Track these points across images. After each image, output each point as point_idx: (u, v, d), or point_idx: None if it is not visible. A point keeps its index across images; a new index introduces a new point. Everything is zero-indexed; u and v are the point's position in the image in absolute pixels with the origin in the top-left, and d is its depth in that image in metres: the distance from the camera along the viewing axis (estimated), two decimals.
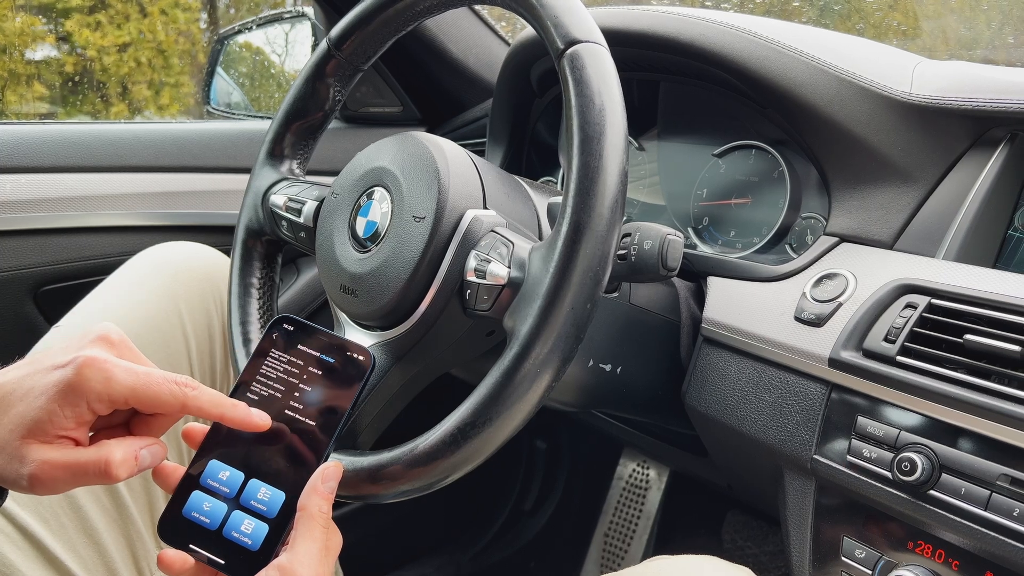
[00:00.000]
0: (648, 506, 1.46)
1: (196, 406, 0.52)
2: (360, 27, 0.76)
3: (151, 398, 0.51)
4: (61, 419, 0.49)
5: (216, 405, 0.53)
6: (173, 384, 0.51)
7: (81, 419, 0.50)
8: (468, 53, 1.28)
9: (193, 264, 0.90)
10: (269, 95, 1.70)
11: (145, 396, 0.50)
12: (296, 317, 0.59)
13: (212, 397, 0.53)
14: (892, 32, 1.70)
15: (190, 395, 0.52)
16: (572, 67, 0.59)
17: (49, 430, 0.49)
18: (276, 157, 0.82)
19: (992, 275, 0.67)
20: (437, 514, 1.51)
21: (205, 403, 0.52)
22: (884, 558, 0.67)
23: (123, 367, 0.50)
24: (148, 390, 0.50)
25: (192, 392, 0.52)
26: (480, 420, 0.56)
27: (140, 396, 0.50)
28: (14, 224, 1.05)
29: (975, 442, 0.61)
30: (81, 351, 0.51)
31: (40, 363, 0.51)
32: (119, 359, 0.51)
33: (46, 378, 0.50)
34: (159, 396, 0.51)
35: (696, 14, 0.88)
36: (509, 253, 0.61)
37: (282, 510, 0.53)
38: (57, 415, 0.49)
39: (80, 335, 0.53)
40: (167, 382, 0.51)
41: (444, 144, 0.68)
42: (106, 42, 4.54)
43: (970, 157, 0.76)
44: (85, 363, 0.49)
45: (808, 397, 0.72)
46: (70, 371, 0.49)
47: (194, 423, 0.56)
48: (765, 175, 0.90)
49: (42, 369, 0.51)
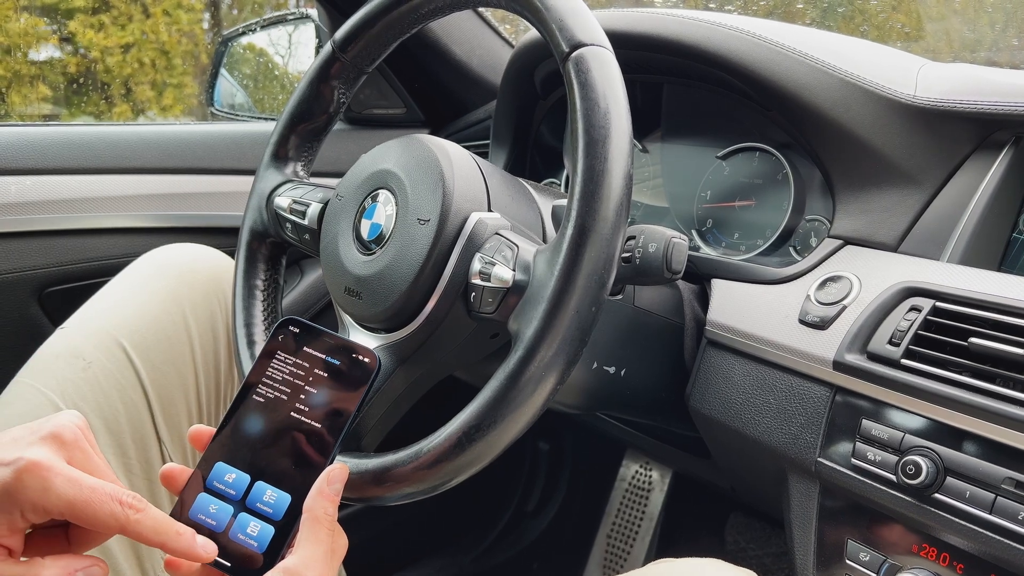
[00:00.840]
0: (651, 508, 1.46)
1: (136, 531, 0.48)
2: (364, 30, 0.76)
3: (88, 516, 0.47)
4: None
5: (158, 533, 0.48)
6: (116, 504, 0.47)
7: (14, 527, 0.46)
8: (472, 55, 1.28)
9: (197, 266, 0.90)
10: (272, 97, 1.71)
11: (83, 513, 0.46)
12: (302, 319, 0.60)
13: (155, 523, 0.48)
14: (895, 34, 1.70)
15: (132, 518, 0.47)
16: (577, 70, 0.59)
17: None
18: (280, 159, 0.82)
19: (997, 278, 0.67)
20: (440, 516, 1.51)
21: (146, 529, 0.48)
22: (889, 561, 0.67)
23: (65, 477, 0.46)
24: (87, 507, 0.46)
25: (135, 516, 0.47)
26: (485, 423, 0.56)
27: (77, 512, 0.46)
28: (19, 226, 1.05)
29: (980, 445, 0.61)
30: (26, 451, 0.47)
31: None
32: (64, 467, 0.47)
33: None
34: (97, 516, 0.47)
35: (700, 16, 0.88)
36: (514, 256, 0.61)
37: (288, 512, 0.53)
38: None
39: (35, 426, 0.49)
40: (110, 501, 0.47)
41: (448, 146, 0.68)
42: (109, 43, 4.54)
43: (974, 160, 0.76)
44: (26, 468, 0.46)
45: (812, 400, 0.72)
46: (8, 474, 0.46)
47: (200, 425, 0.56)
48: (769, 177, 0.90)
49: None
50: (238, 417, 0.56)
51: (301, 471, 0.55)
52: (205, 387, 0.86)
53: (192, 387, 0.85)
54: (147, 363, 0.81)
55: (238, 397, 0.57)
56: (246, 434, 0.56)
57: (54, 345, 0.81)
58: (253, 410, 0.57)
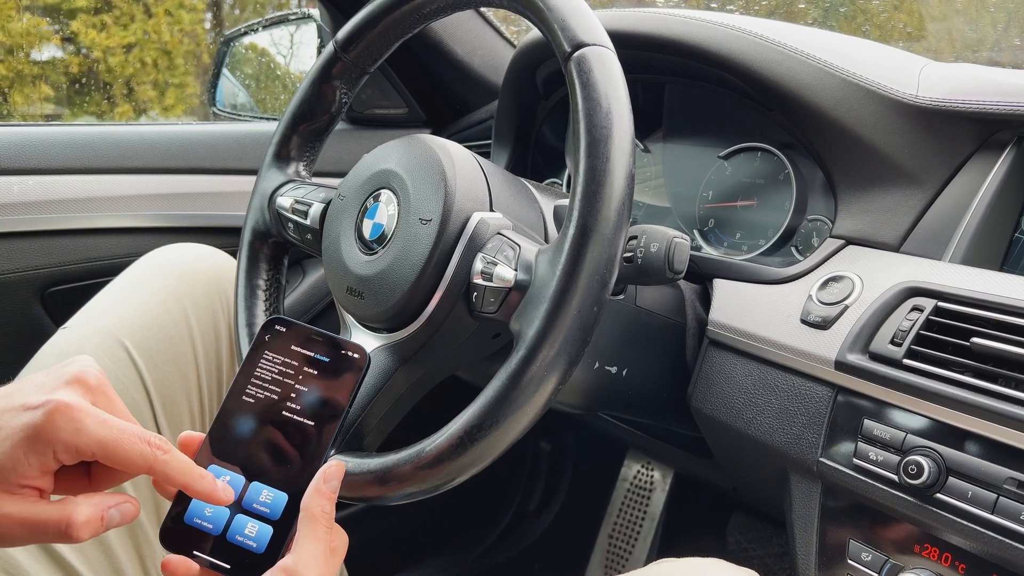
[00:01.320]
0: (652, 508, 1.46)
1: (163, 472, 0.49)
2: (366, 30, 0.76)
3: (119, 456, 0.48)
4: (25, 467, 0.46)
5: (183, 474, 0.50)
6: (145, 444, 0.48)
7: (46, 468, 0.47)
8: (474, 55, 1.28)
9: (199, 266, 0.90)
10: (275, 96, 1.71)
11: (114, 453, 0.47)
12: (287, 318, 0.59)
13: (180, 465, 0.50)
14: (897, 34, 1.70)
15: (160, 459, 0.49)
16: (579, 70, 0.59)
17: (12, 479, 0.46)
18: (282, 159, 0.82)
19: (999, 278, 0.67)
20: (442, 516, 1.51)
21: (173, 470, 0.49)
22: (891, 561, 0.67)
23: (96, 417, 0.47)
24: (119, 447, 0.47)
25: (163, 456, 0.49)
26: (487, 423, 0.56)
27: (108, 452, 0.47)
28: (21, 226, 1.05)
29: (982, 445, 0.61)
30: (54, 393, 0.48)
31: (12, 399, 0.48)
32: (93, 408, 0.48)
33: (15, 420, 0.47)
34: (128, 455, 0.48)
35: (702, 16, 0.88)
36: (516, 256, 0.61)
37: (286, 511, 0.53)
38: (22, 463, 0.46)
39: (58, 370, 0.50)
40: (139, 441, 0.48)
41: (450, 146, 0.68)
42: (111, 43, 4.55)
43: (976, 160, 0.76)
44: (57, 409, 0.47)
45: (814, 400, 0.72)
46: (39, 416, 0.47)
47: (190, 432, 0.56)
48: (771, 177, 0.90)
49: (12, 408, 0.48)
50: (229, 419, 0.56)
51: (296, 469, 0.55)
52: (207, 387, 0.86)
53: (194, 387, 0.85)
54: (149, 363, 0.81)
55: (226, 400, 0.57)
56: (238, 435, 0.55)
57: (56, 345, 0.81)
58: (244, 411, 0.56)
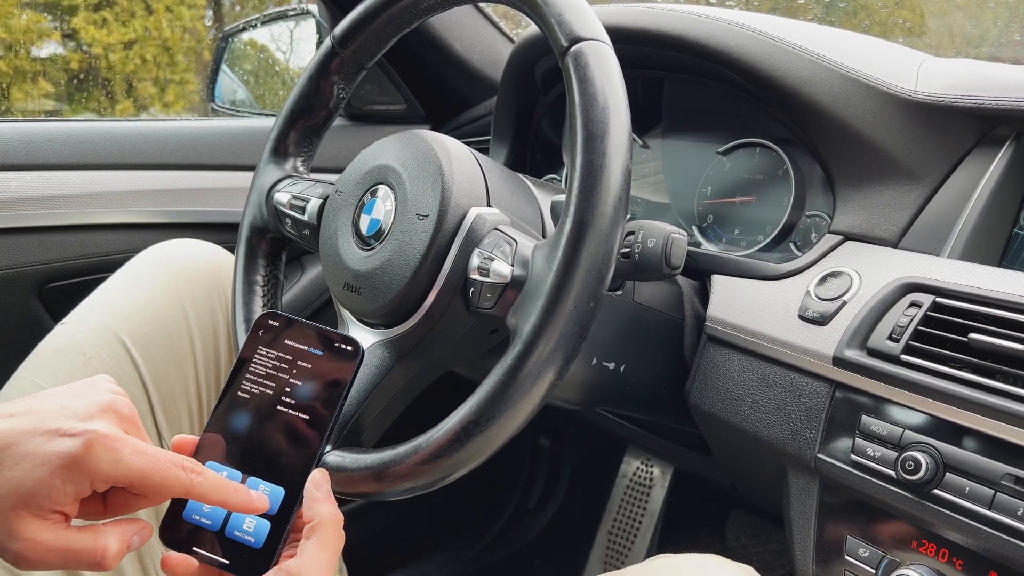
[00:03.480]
0: (652, 504, 1.46)
1: (200, 493, 0.50)
2: (364, 25, 0.76)
3: (157, 484, 0.48)
4: (60, 494, 0.46)
5: (219, 492, 0.51)
6: (180, 470, 0.49)
7: (79, 495, 0.48)
8: (472, 51, 1.27)
9: (198, 262, 0.90)
10: (273, 92, 1.70)
11: (152, 481, 0.48)
12: (280, 312, 0.59)
13: (215, 484, 0.51)
14: (898, 29, 1.69)
15: (195, 481, 0.50)
16: (576, 65, 0.59)
17: (45, 504, 0.46)
18: (280, 155, 0.82)
19: (997, 274, 0.67)
20: (440, 511, 1.51)
21: (208, 490, 0.50)
22: (888, 557, 0.67)
23: (133, 447, 0.48)
24: (156, 474, 0.48)
25: (198, 479, 0.50)
26: (484, 418, 0.56)
27: (147, 481, 0.48)
28: (20, 221, 1.05)
29: (979, 441, 0.61)
30: (90, 422, 0.48)
31: (43, 422, 0.48)
32: (129, 438, 0.49)
33: (49, 445, 0.47)
34: (165, 482, 0.49)
35: (700, 11, 0.88)
36: (512, 251, 0.61)
37: (283, 505, 0.53)
38: (57, 490, 0.46)
39: (89, 399, 0.50)
40: (174, 467, 0.49)
41: (448, 142, 0.68)
42: (112, 39, 4.54)
43: (975, 155, 0.76)
44: (96, 440, 0.47)
45: (812, 395, 0.72)
46: (78, 445, 0.46)
47: (183, 436, 0.56)
48: (769, 173, 0.90)
49: (45, 432, 0.47)
50: (225, 415, 0.56)
51: (293, 463, 0.55)
52: (205, 382, 0.86)
53: (192, 382, 0.85)
54: (147, 358, 0.81)
55: (221, 397, 0.57)
56: (234, 431, 0.55)
57: (55, 340, 0.81)
58: (238, 407, 0.56)
